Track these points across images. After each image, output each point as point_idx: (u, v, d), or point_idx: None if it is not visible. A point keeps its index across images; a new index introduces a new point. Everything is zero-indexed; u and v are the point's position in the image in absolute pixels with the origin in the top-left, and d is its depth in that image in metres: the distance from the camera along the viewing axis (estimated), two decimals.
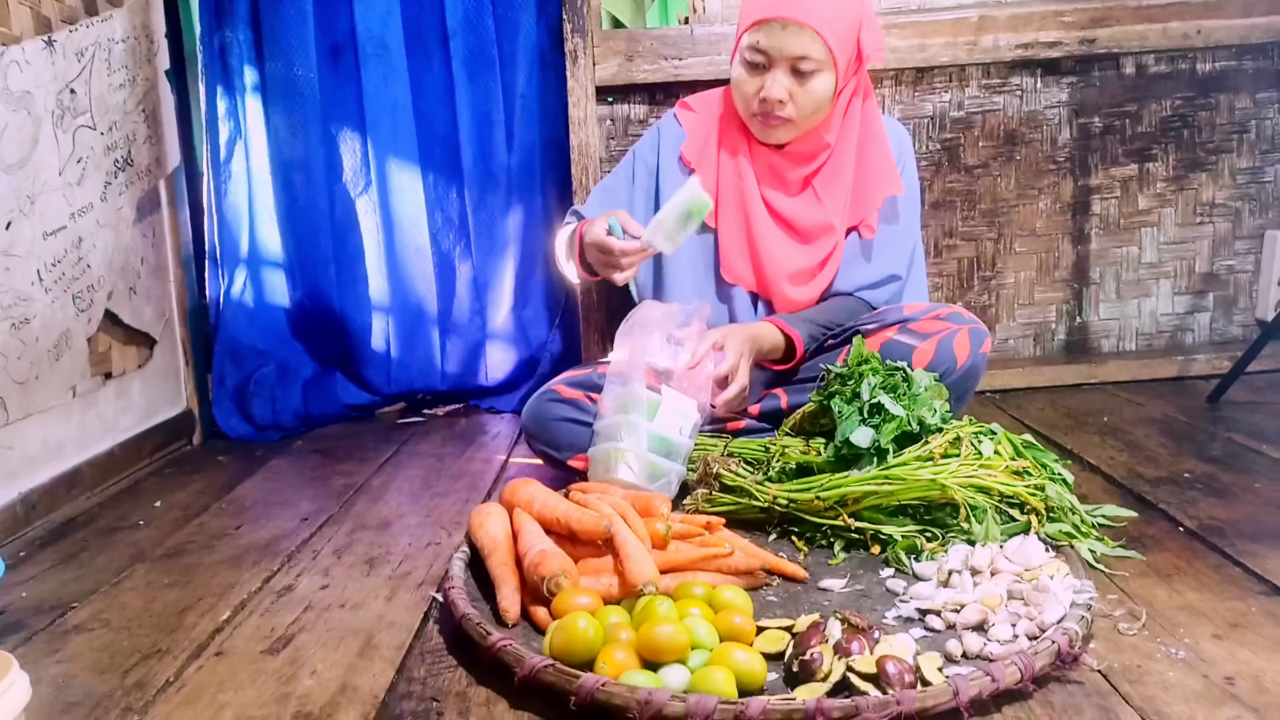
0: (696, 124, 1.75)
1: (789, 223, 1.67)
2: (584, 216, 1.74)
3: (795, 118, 1.57)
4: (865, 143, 1.67)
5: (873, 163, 1.67)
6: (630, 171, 1.79)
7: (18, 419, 1.55)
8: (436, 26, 2.23)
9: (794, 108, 1.56)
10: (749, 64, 1.56)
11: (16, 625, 1.19)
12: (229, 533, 1.52)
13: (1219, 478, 1.53)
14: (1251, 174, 2.30)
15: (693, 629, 0.97)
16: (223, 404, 2.19)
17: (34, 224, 1.59)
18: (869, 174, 1.67)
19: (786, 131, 1.61)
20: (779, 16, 1.50)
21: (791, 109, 1.56)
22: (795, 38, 1.50)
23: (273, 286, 2.29)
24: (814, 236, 1.67)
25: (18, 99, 1.55)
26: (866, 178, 1.67)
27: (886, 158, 1.68)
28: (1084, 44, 2.19)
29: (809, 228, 1.66)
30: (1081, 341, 2.37)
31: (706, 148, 1.72)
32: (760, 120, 1.60)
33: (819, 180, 1.67)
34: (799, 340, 1.59)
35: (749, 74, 1.57)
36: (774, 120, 1.58)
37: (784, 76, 1.54)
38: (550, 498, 1.27)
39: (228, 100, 2.20)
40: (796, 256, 1.66)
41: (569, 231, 1.71)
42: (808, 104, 1.56)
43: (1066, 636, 0.94)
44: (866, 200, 1.67)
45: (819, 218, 1.66)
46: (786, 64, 1.53)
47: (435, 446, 2.03)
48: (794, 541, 1.31)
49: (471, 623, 1.03)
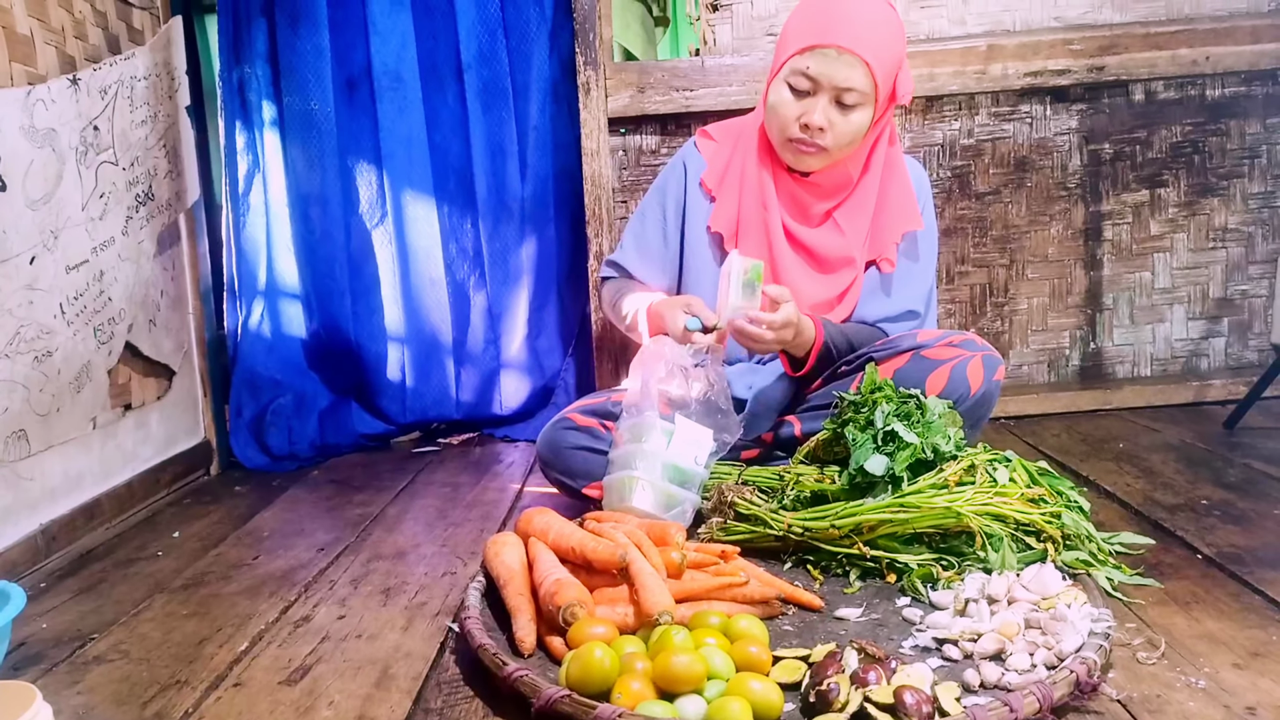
0: (717, 152, 1.76)
1: (811, 251, 1.68)
2: (624, 268, 1.80)
3: (830, 147, 1.57)
4: (887, 180, 1.68)
5: (893, 198, 1.68)
6: (660, 213, 1.79)
7: (39, 450, 1.57)
8: (451, 60, 2.27)
9: (831, 137, 1.56)
10: (793, 88, 1.56)
11: (37, 657, 1.20)
12: (246, 563, 1.53)
13: (1237, 504, 1.53)
14: (1263, 199, 2.30)
15: (709, 659, 0.97)
16: (240, 434, 2.21)
17: (57, 258, 1.61)
18: (889, 209, 1.68)
19: (818, 160, 1.60)
20: (834, 44, 1.50)
21: (829, 138, 1.56)
22: (847, 68, 1.50)
23: (289, 317, 2.31)
24: (835, 267, 1.67)
25: (43, 136, 1.58)
26: (887, 212, 1.68)
27: (908, 194, 1.69)
28: (1093, 71, 2.20)
29: (830, 258, 1.67)
30: (1096, 367, 2.37)
31: (728, 175, 1.73)
32: (794, 146, 1.59)
33: (840, 213, 1.68)
34: (817, 346, 1.58)
35: (792, 97, 1.57)
36: (808, 147, 1.58)
37: (828, 104, 1.54)
38: (565, 527, 1.27)
39: (246, 134, 2.23)
40: (817, 287, 1.67)
41: (631, 305, 1.75)
42: (845, 134, 1.56)
43: (1085, 666, 0.93)
44: (886, 235, 1.68)
45: (840, 248, 1.66)
46: (832, 93, 1.53)
47: (450, 476, 2.04)
48: (809, 570, 1.31)
49: (488, 653, 1.03)
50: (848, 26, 1.49)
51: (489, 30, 2.24)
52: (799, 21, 1.57)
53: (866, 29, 1.50)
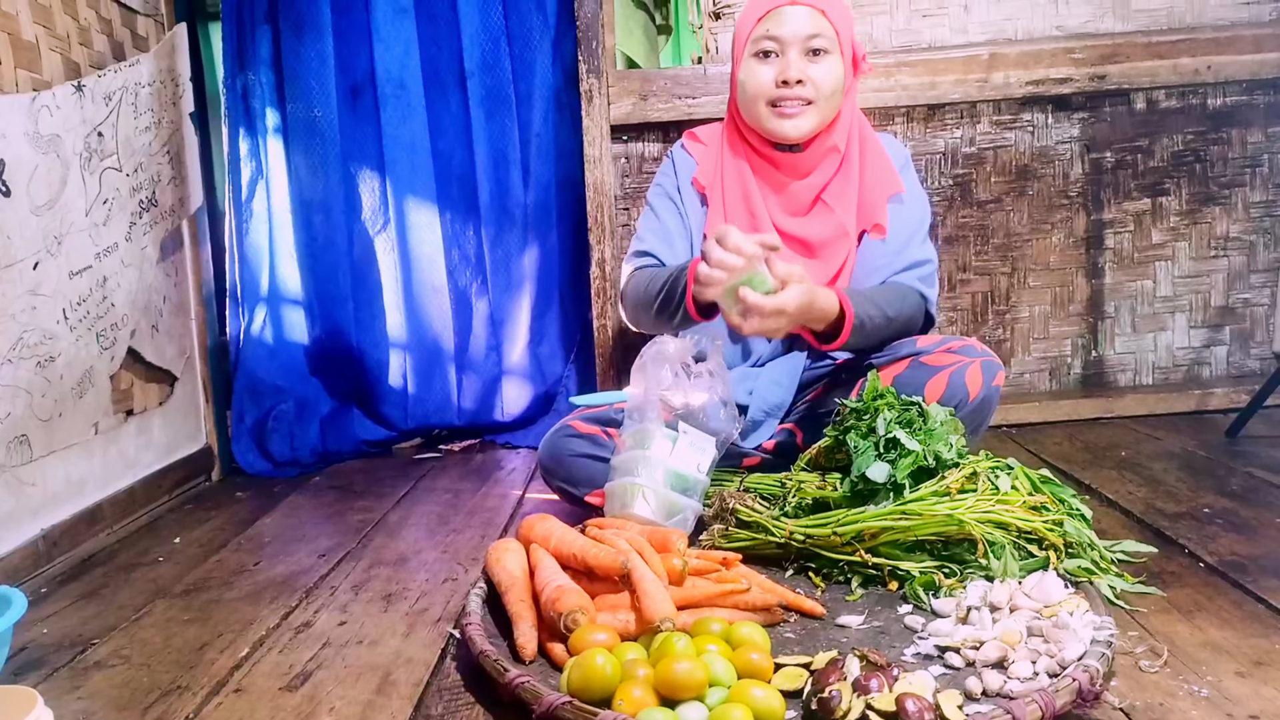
0: (705, 153, 1.76)
1: (803, 242, 1.66)
2: (653, 256, 1.70)
3: (815, 98, 1.57)
4: (864, 148, 1.69)
5: (872, 166, 1.68)
6: (670, 203, 1.76)
7: (41, 456, 1.57)
8: (454, 67, 2.27)
9: (813, 88, 1.56)
10: (760, 54, 1.58)
11: (38, 662, 1.20)
12: (248, 569, 1.53)
13: (1239, 513, 1.52)
14: (1265, 208, 2.30)
15: (710, 666, 0.97)
16: (241, 440, 2.21)
17: (60, 264, 1.62)
18: (870, 178, 1.67)
19: (807, 118, 1.59)
20: (786, 1, 1.55)
21: (810, 89, 1.56)
22: (806, 17, 1.55)
23: (292, 324, 2.32)
24: (828, 247, 1.65)
25: (47, 142, 1.58)
26: (869, 182, 1.67)
27: (884, 160, 1.68)
28: (1094, 80, 2.20)
29: (822, 241, 1.65)
30: (1098, 375, 2.37)
31: (716, 176, 1.73)
32: (778, 111, 1.59)
33: (829, 193, 1.66)
34: (850, 319, 1.48)
35: (761, 63, 1.59)
36: (792, 105, 1.57)
37: (799, 57, 1.56)
38: (567, 533, 1.27)
39: (250, 141, 2.24)
40: (812, 274, 1.60)
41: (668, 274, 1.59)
42: (826, 83, 1.57)
43: (1087, 674, 0.93)
44: (872, 202, 1.66)
45: (831, 227, 1.64)
46: (800, 45, 1.56)
47: (452, 482, 2.04)
48: (811, 577, 1.31)
49: (489, 659, 1.03)
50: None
51: (492, 38, 2.25)
52: (749, 5, 1.62)
53: None
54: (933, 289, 1.66)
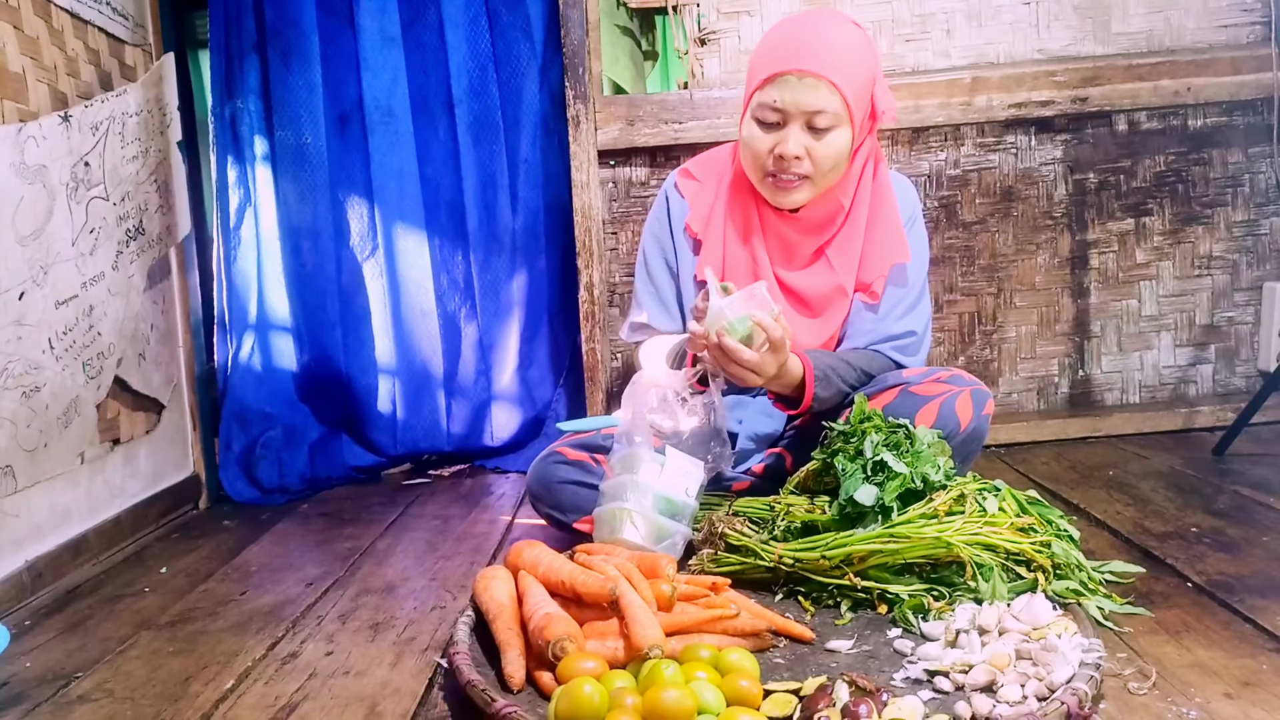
0: (699, 193, 1.70)
1: (800, 297, 1.64)
2: (653, 327, 1.71)
3: (812, 175, 1.52)
4: (876, 208, 1.63)
5: (881, 231, 1.63)
6: (663, 262, 1.73)
7: (25, 486, 1.56)
8: (442, 94, 2.29)
9: (810, 164, 1.50)
10: (761, 122, 1.52)
11: (19, 696, 1.19)
12: (234, 599, 1.51)
13: (1227, 532, 1.53)
14: (1247, 227, 2.32)
15: (699, 693, 0.96)
16: (229, 468, 2.20)
17: (46, 293, 1.61)
18: (878, 240, 1.63)
19: (803, 192, 1.55)
20: (794, 70, 1.46)
21: (808, 165, 1.50)
22: (811, 91, 1.46)
23: (280, 350, 2.31)
24: (826, 305, 1.63)
25: (34, 172, 1.59)
26: (875, 246, 1.63)
27: (895, 226, 1.64)
28: (1076, 102, 2.23)
29: (820, 297, 1.62)
30: (1085, 395, 2.37)
31: (713, 217, 1.67)
32: (773, 182, 1.54)
33: (832, 249, 1.63)
34: (808, 396, 1.51)
35: (762, 132, 1.52)
36: (788, 181, 1.53)
37: (800, 132, 1.49)
38: (555, 560, 1.27)
39: (238, 168, 2.25)
40: (810, 333, 1.62)
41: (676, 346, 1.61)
42: (826, 159, 1.50)
43: (1076, 697, 0.93)
44: (873, 268, 1.62)
45: (830, 284, 1.62)
46: (802, 119, 1.48)
47: (440, 508, 2.03)
48: (800, 601, 1.31)
49: (476, 689, 1.02)
50: (807, 50, 1.47)
51: (479, 65, 2.26)
52: (760, 54, 1.54)
53: (827, 50, 1.47)
54: (914, 355, 1.63)
